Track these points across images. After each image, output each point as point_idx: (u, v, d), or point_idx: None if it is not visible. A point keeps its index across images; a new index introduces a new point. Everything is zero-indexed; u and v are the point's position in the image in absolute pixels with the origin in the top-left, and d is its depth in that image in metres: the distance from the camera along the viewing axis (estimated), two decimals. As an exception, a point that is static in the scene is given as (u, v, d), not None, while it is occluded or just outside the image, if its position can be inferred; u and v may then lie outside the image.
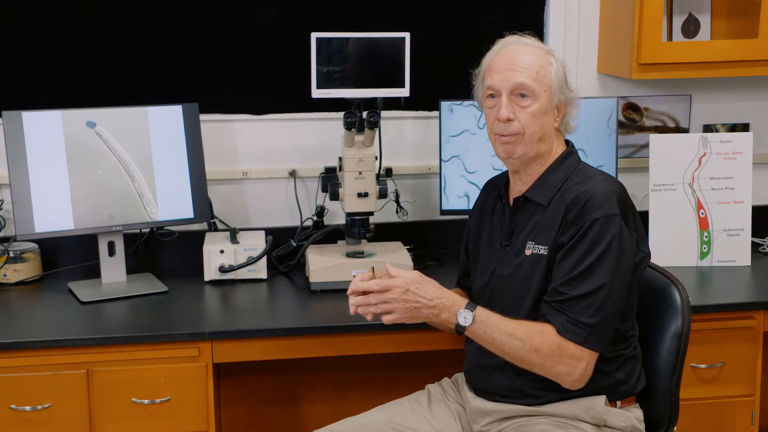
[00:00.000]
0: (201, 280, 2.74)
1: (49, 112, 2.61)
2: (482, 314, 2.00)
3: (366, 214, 2.71)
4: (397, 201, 2.94)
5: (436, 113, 2.90)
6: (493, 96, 2.10)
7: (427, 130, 3.04)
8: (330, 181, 2.76)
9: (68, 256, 2.89)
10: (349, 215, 2.72)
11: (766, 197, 3.20)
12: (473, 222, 2.30)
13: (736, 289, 2.67)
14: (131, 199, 2.69)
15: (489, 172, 2.72)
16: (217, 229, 2.93)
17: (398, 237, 2.93)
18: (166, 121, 2.72)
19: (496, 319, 2.00)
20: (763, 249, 2.97)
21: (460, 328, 2.01)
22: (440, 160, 2.85)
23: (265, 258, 2.74)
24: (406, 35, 2.56)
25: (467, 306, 2.01)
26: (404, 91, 2.59)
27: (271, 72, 3.00)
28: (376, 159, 2.71)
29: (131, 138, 2.68)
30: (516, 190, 2.17)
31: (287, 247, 2.89)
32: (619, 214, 1.99)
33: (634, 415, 2.12)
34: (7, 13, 2.87)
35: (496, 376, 2.12)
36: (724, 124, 3.16)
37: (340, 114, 2.63)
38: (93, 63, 2.92)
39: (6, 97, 2.86)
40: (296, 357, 2.45)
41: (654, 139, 2.85)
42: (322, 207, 2.91)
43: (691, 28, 3.03)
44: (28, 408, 2.29)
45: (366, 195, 2.67)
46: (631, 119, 3.14)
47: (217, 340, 2.35)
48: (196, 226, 2.93)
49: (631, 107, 3.13)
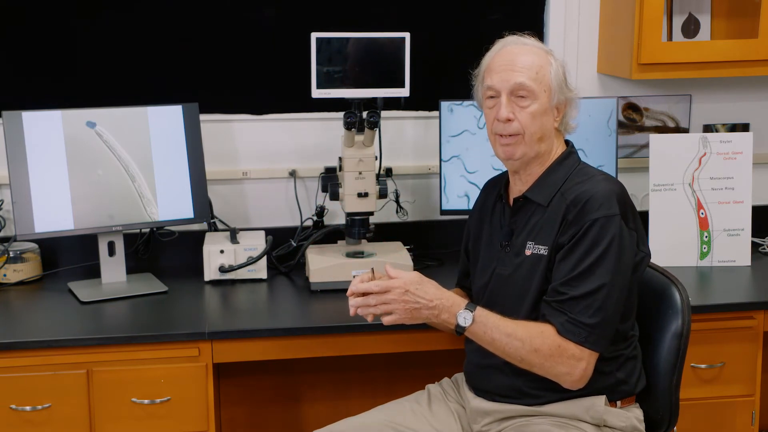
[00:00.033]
0: (201, 280, 2.74)
1: (49, 112, 2.61)
2: (482, 315, 2.00)
3: (366, 214, 2.71)
4: (397, 201, 2.93)
5: (436, 113, 2.90)
6: (492, 96, 2.10)
7: (427, 130, 3.04)
8: (330, 181, 2.76)
9: (68, 256, 2.89)
10: (349, 215, 2.72)
11: (766, 197, 3.19)
12: (473, 222, 2.30)
13: (736, 289, 2.67)
14: (131, 199, 2.69)
15: (489, 172, 2.72)
16: (217, 229, 2.92)
17: (398, 237, 2.93)
18: (166, 121, 2.72)
19: (495, 320, 2.00)
20: (763, 249, 2.97)
21: (460, 329, 2.01)
22: (440, 160, 2.85)
23: (265, 258, 2.74)
24: (406, 35, 2.56)
25: (467, 306, 2.01)
26: (404, 91, 2.59)
27: (271, 72, 3.00)
28: (376, 159, 2.71)
29: (131, 138, 2.68)
30: (516, 190, 2.17)
31: (287, 247, 2.89)
32: (619, 214, 1.99)
33: (634, 415, 2.12)
34: (7, 13, 2.87)
35: (496, 376, 2.12)
36: (724, 124, 3.16)
37: (340, 114, 2.63)
38: (93, 63, 2.92)
39: (6, 97, 2.85)
40: (296, 357, 2.45)
41: (654, 139, 2.85)
42: (322, 207, 2.91)
43: (691, 28, 3.03)
44: (28, 408, 2.29)
45: (366, 195, 2.67)
46: (631, 119, 3.14)
47: (217, 340, 2.35)
48: (196, 226, 2.93)
49: (631, 107, 3.13)
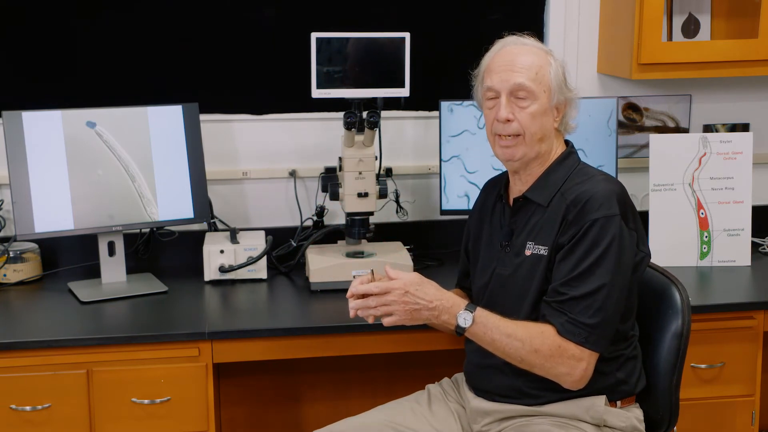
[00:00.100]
0: (201, 280, 2.74)
1: (49, 112, 2.61)
2: (482, 315, 2.00)
3: (366, 214, 2.71)
4: (397, 201, 2.93)
5: (436, 113, 2.90)
6: (492, 97, 2.10)
7: (427, 130, 3.04)
8: (330, 181, 2.76)
9: (68, 256, 2.89)
10: (349, 215, 2.72)
11: (766, 197, 3.19)
12: (473, 222, 2.30)
13: (736, 289, 2.67)
14: (131, 199, 2.69)
15: (489, 172, 2.72)
16: (217, 229, 2.92)
17: (398, 237, 2.93)
18: (166, 121, 2.72)
19: (495, 320, 2.00)
20: (763, 249, 2.97)
21: (460, 330, 2.00)
22: (440, 160, 2.85)
23: (265, 258, 2.74)
24: (406, 35, 2.56)
25: (467, 307, 2.00)
26: (404, 91, 2.59)
27: (271, 72, 3.00)
28: (376, 159, 2.71)
29: (131, 138, 2.68)
30: (516, 190, 2.17)
31: (287, 247, 2.89)
32: (619, 215, 1.99)
33: (634, 415, 2.12)
34: (7, 13, 2.87)
35: (496, 376, 2.12)
36: (724, 124, 3.16)
37: (340, 114, 2.62)
38: (93, 63, 2.92)
39: (6, 97, 2.85)
40: (296, 357, 2.45)
41: (654, 139, 2.85)
42: (322, 207, 2.91)
43: (691, 28, 3.03)
44: (28, 408, 2.29)
45: (366, 195, 2.67)
46: (631, 119, 3.14)
47: (217, 340, 2.35)
48: (196, 226, 2.93)
49: (631, 107, 3.13)
